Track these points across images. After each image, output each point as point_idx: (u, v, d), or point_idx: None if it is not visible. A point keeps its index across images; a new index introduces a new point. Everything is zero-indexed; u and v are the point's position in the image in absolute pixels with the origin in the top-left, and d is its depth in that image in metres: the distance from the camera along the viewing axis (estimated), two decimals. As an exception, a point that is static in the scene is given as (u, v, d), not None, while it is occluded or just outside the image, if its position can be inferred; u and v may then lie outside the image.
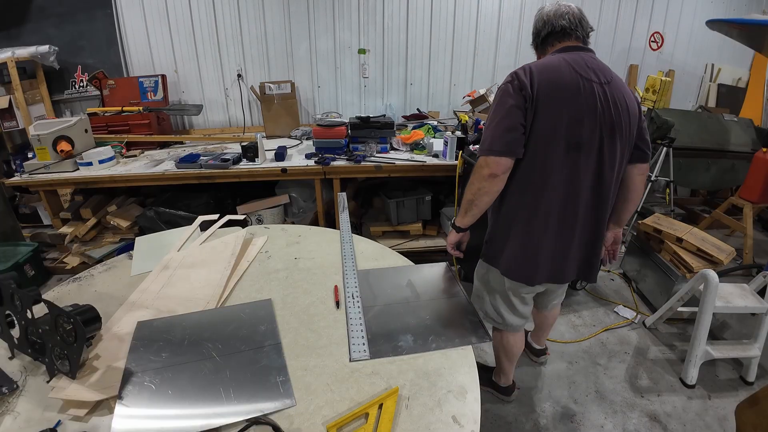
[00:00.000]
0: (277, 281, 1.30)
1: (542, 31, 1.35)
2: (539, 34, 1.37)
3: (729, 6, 3.85)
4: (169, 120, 3.40)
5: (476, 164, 1.25)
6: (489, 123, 1.25)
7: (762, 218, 3.62)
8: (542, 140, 1.19)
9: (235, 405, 0.85)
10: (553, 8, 1.33)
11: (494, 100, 1.25)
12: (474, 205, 1.30)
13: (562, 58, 1.24)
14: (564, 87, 1.19)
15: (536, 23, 1.38)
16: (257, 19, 3.37)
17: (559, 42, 1.32)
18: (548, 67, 1.22)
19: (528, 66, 1.23)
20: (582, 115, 1.18)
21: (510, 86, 1.21)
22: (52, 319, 0.89)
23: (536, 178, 1.24)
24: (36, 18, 3.21)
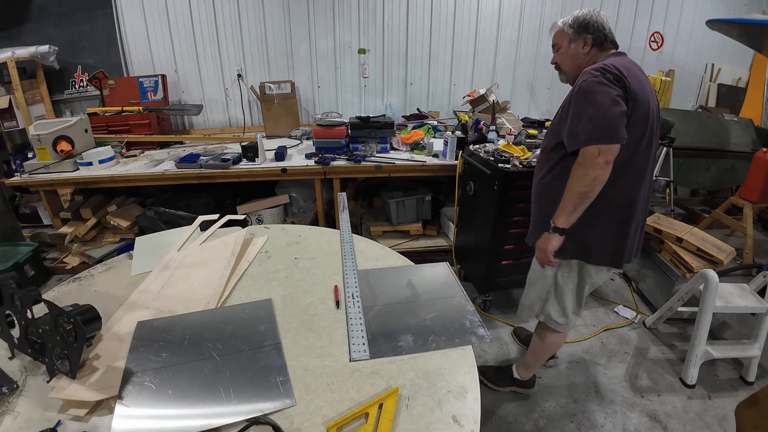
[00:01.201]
0: (277, 281, 1.30)
1: (602, 32, 1.42)
2: (602, 35, 1.42)
3: (729, 6, 3.85)
4: (169, 120, 3.40)
5: (584, 154, 1.27)
6: (589, 112, 1.27)
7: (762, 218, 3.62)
8: (633, 130, 1.31)
9: (235, 405, 0.85)
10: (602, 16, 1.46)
11: (584, 93, 1.29)
12: (587, 197, 1.31)
13: (629, 61, 1.38)
14: (643, 86, 1.32)
15: (598, 22, 1.42)
16: (257, 19, 3.37)
17: (612, 47, 1.44)
18: (626, 66, 1.32)
19: (607, 64, 1.31)
20: (653, 111, 1.35)
21: (604, 78, 1.27)
22: (52, 319, 0.89)
23: (627, 165, 1.35)
24: (36, 18, 3.21)
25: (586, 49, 1.43)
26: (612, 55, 1.41)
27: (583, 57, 1.44)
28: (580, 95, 1.30)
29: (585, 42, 1.42)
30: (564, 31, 1.46)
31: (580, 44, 1.43)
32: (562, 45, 1.47)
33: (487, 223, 2.20)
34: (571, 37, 1.44)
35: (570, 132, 1.32)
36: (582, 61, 1.45)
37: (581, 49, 1.44)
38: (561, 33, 1.48)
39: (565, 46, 1.46)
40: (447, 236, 2.97)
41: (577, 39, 1.43)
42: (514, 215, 2.13)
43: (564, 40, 1.47)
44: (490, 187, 2.13)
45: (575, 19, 1.44)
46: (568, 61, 1.47)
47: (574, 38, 1.44)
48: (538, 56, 3.74)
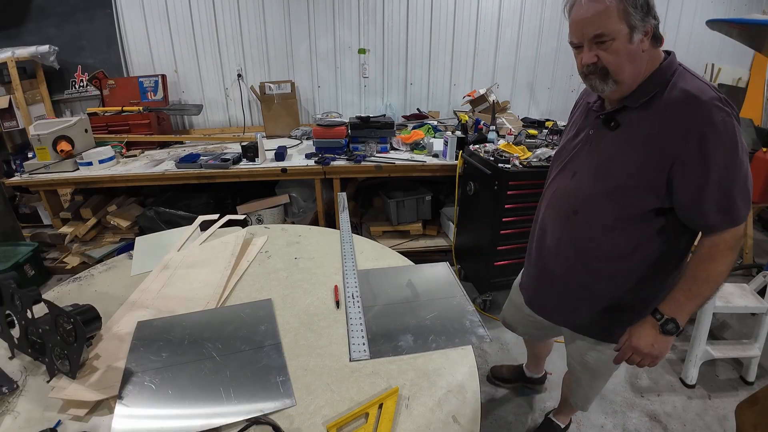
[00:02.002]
0: (277, 281, 1.30)
1: (655, 17, 0.97)
2: (657, 22, 0.98)
3: (729, 6, 3.85)
4: (169, 120, 3.40)
5: (731, 236, 0.96)
6: (741, 174, 0.93)
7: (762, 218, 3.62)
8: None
9: (235, 405, 0.85)
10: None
11: (731, 143, 0.90)
12: (718, 289, 1.03)
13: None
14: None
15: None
16: (257, 19, 3.37)
17: (659, 42, 1.01)
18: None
19: (706, 81, 0.97)
20: None
21: (735, 115, 0.93)
22: (52, 319, 0.89)
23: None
24: (36, 18, 3.21)
25: (646, 45, 0.97)
26: (666, 55, 1.02)
27: (643, 58, 0.98)
28: (728, 146, 0.90)
29: (646, 32, 0.96)
30: (625, 10, 0.92)
31: (641, 37, 0.95)
32: (617, 36, 0.94)
33: (487, 223, 2.20)
34: (635, 24, 0.93)
35: (725, 204, 0.93)
36: (641, 64, 0.98)
37: (644, 45, 0.97)
38: (616, 14, 0.92)
39: (623, 38, 0.94)
40: (447, 236, 2.97)
41: (642, 27, 0.94)
42: (514, 215, 2.13)
43: (620, 29, 0.93)
44: (490, 187, 2.13)
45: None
46: (627, 65, 0.96)
47: (638, 26, 0.93)
48: (538, 56, 3.74)
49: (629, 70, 0.98)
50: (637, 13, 0.93)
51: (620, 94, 1.03)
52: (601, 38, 0.95)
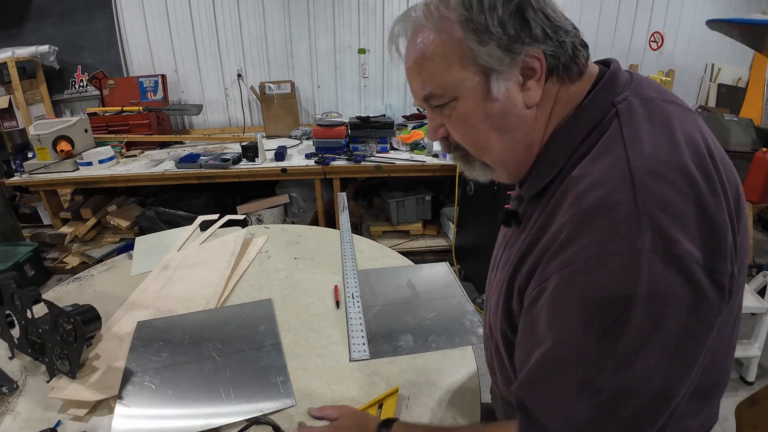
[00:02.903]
0: (277, 281, 1.30)
1: (556, 27, 0.54)
2: (561, 36, 0.54)
3: (729, 6, 3.85)
4: (169, 120, 3.40)
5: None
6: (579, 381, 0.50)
7: (762, 218, 3.62)
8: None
9: (235, 405, 0.85)
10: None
11: (594, 320, 0.48)
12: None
13: (678, 106, 0.56)
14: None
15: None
16: (257, 19, 3.37)
17: (583, 64, 0.58)
18: (694, 132, 0.53)
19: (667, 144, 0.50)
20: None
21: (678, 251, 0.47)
22: (52, 319, 0.89)
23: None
24: (36, 18, 3.21)
25: (535, 92, 0.55)
26: (605, 82, 0.56)
27: (527, 118, 0.56)
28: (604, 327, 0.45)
29: (529, 69, 0.54)
30: (461, 47, 0.53)
31: (511, 83, 0.54)
32: (461, 93, 0.55)
33: (487, 223, 2.20)
34: (490, 64, 0.53)
35: (532, 404, 0.52)
36: (525, 129, 0.57)
37: (527, 95, 0.55)
38: (451, 56, 0.54)
39: (474, 94, 0.55)
40: (447, 236, 2.97)
41: (511, 63, 0.53)
42: (514, 215, 2.13)
43: (464, 78, 0.55)
44: (490, 187, 2.13)
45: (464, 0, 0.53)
46: (493, 138, 0.57)
47: (497, 66, 0.53)
48: (538, 56, 3.74)
49: (499, 145, 0.58)
50: (491, 42, 0.51)
51: (509, 180, 0.63)
52: (435, 100, 0.57)
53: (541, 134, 0.58)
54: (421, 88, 0.58)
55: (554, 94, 0.57)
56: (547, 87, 0.56)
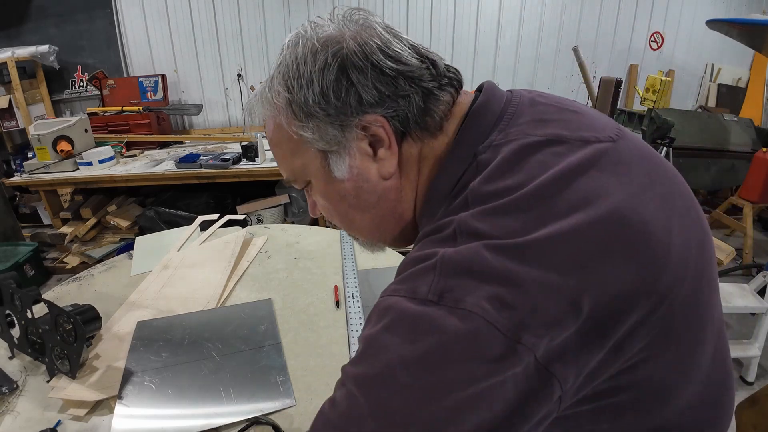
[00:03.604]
0: (277, 281, 1.30)
1: (404, 76, 0.47)
2: (411, 87, 0.47)
3: (729, 6, 3.85)
4: (169, 120, 3.40)
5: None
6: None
7: (762, 218, 3.62)
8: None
9: (235, 405, 0.85)
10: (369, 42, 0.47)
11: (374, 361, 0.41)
12: None
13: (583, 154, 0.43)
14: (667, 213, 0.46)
15: (366, 52, 0.46)
16: (257, 19, 3.37)
17: (448, 98, 0.50)
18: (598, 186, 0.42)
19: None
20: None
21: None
22: (52, 319, 0.89)
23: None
24: (36, 18, 3.21)
25: (388, 163, 0.49)
26: (466, 128, 0.48)
27: (388, 191, 0.51)
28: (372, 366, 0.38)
29: (374, 137, 0.48)
30: (280, 130, 0.51)
31: (353, 159, 0.49)
32: (310, 175, 0.52)
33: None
34: (319, 144, 0.49)
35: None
36: (390, 202, 0.52)
37: (381, 166, 0.49)
38: (284, 141, 0.51)
39: (320, 174, 0.51)
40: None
41: (343, 141, 0.48)
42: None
43: (303, 162, 0.52)
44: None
45: (285, 78, 0.48)
46: (356, 216, 0.55)
47: (325, 144, 0.48)
48: (538, 57, 3.74)
49: (364, 223, 0.55)
50: (314, 122, 0.47)
51: (398, 248, 0.63)
52: (296, 184, 0.55)
53: (412, 202, 0.52)
54: (281, 172, 0.56)
55: (416, 155, 0.49)
56: (404, 150, 0.49)
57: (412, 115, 0.47)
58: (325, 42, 0.47)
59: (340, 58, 0.46)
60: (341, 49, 0.46)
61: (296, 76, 0.47)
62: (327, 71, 0.45)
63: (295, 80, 0.47)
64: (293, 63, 0.47)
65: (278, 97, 0.49)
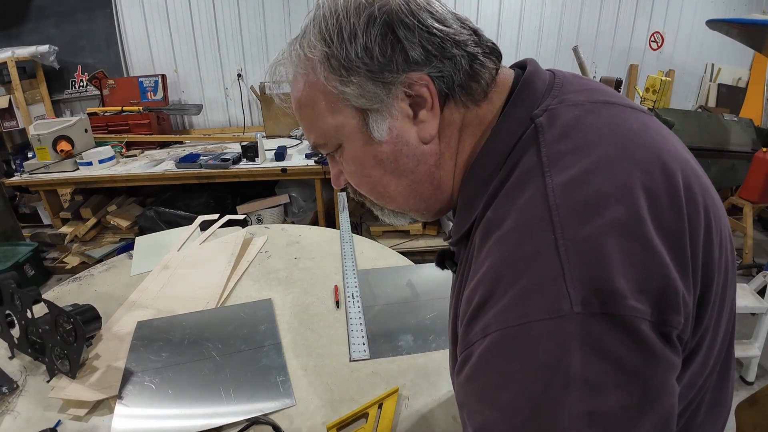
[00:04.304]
0: (277, 281, 1.30)
1: (451, 39, 0.45)
2: (456, 48, 0.46)
3: (729, 6, 3.85)
4: (169, 120, 3.40)
5: None
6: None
7: (762, 218, 3.62)
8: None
9: (235, 405, 0.85)
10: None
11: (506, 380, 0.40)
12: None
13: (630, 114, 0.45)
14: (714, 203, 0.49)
15: (415, 10, 0.45)
16: (257, 19, 3.37)
17: (493, 67, 0.49)
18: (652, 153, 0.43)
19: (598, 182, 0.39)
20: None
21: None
22: (52, 319, 0.89)
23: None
24: (36, 18, 3.21)
25: (430, 125, 0.47)
26: (519, 94, 0.47)
27: (426, 155, 0.49)
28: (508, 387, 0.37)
29: (414, 100, 0.46)
30: (323, 87, 0.47)
31: (394, 119, 0.47)
32: (343, 139, 0.50)
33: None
34: (359, 103, 0.46)
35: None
36: (425, 167, 0.49)
37: (421, 128, 0.47)
38: (319, 100, 0.48)
39: (356, 139, 0.49)
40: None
41: (387, 98, 0.46)
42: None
43: (339, 123, 0.48)
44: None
45: (322, 32, 0.46)
46: (392, 182, 0.51)
47: (369, 102, 0.46)
48: (538, 56, 3.74)
49: (399, 190, 0.51)
50: (357, 77, 0.45)
51: (428, 219, 0.59)
52: (323, 149, 0.53)
53: (451, 170, 0.50)
54: (307, 136, 0.54)
55: (458, 121, 0.48)
56: (446, 115, 0.47)
57: (458, 78, 0.46)
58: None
59: (387, 13, 0.44)
60: (387, 3, 0.44)
61: (337, 29, 0.45)
62: (372, 25, 0.44)
63: (336, 33, 0.45)
64: (332, 17, 0.45)
65: (313, 51, 0.46)
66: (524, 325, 0.35)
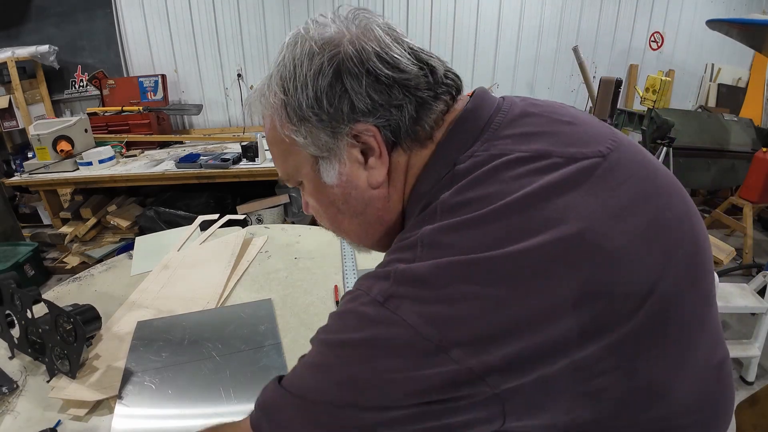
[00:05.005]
0: (277, 281, 1.30)
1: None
2: (402, 93, 0.46)
3: (729, 6, 3.85)
4: (169, 120, 3.40)
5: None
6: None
7: (762, 218, 3.62)
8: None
9: (235, 405, 0.85)
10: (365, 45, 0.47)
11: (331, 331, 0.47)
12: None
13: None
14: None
15: (363, 57, 0.46)
16: (257, 19, 3.37)
17: (444, 103, 0.49)
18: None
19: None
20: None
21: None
22: (52, 319, 0.89)
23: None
24: (36, 18, 3.21)
25: (377, 171, 0.49)
26: (449, 136, 0.48)
27: (375, 199, 0.51)
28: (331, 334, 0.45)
29: (364, 147, 0.48)
30: (275, 135, 0.51)
31: (342, 165, 0.49)
32: (303, 177, 0.53)
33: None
34: (310, 149, 0.49)
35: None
36: (380, 205, 0.52)
37: (371, 175, 0.49)
38: (281, 142, 0.51)
39: (311, 178, 0.52)
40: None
41: (334, 147, 0.48)
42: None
43: (296, 163, 0.52)
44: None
45: (282, 79, 0.48)
46: (346, 219, 0.54)
47: (317, 150, 0.48)
48: (538, 56, 3.74)
49: (352, 227, 0.55)
50: (307, 126, 0.46)
51: (378, 251, 0.59)
52: (289, 183, 0.57)
53: (398, 210, 0.52)
54: (277, 170, 0.57)
55: (404, 164, 0.49)
56: (393, 159, 0.48)
57: (404, 126, 0.47)
58: (323, 45, 0.46)
59: (336, 63, 0.45)
60: (338, 53, 0.45)
61: (292, 78, 0.47)
62: (322, 76, 0.45)
63: (291, 82, 0.47)
64: (290, 64, 0.47)
65: (275, 98, 0.49)
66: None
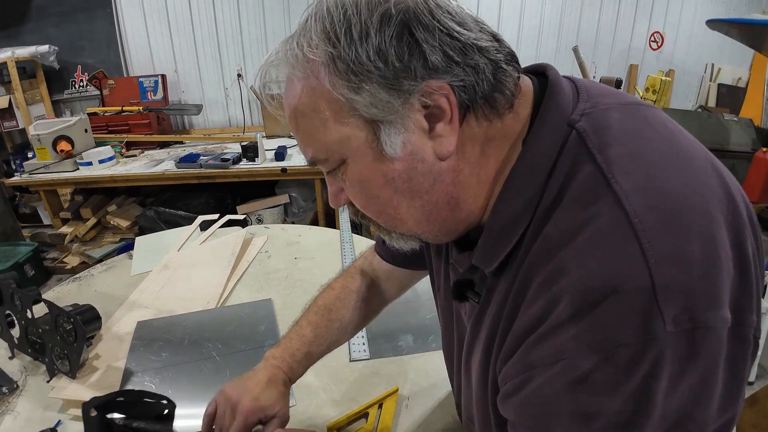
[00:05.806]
0: (277, 281, 1.30)
1: (470, 43, 0.40)
2: (477, 53, 0.40)
3: (729, 6, 3.85)
4: (169, 120, 3.40)
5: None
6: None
7: (762, 218, 3.62)
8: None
9: (235, 405, 0.85)
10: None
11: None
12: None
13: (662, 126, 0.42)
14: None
15: (434, 10, 0.39)
16: (257, 19, 3.37)
17: (512, 77, 0.43)
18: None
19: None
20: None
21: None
22: (52, 319, 0.89)
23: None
24: (36, 18, 3.21)
25: (447, 140, 0.40)
26: (548, 100, 0.42)
27: (444, 174, 0.42)
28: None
29: (432, 111, 0.40)
30: (330, 95, 0.40)
31: (408, 133, 0.40)
32: (348, 155, 0.43)
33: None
34: (372, 114, 0.40)
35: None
36: (445, 187, 0.43)
37: (438, 144, 0.41)
38: (323, 111, 0.41)
39: (364, 154, 0.42)
40: (447, 236, 2.96)
41: (402, 108, 0.39)
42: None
43: (345, 136, 0.42)
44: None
45: (327, 29, 0.39)
46: (403, 203, 0.44)
47: (382, 114, 0.39)
48: (538, 56, 3.74)
49: (411, 212, 0.45)
50: (369, 84, 0.39)
51: (440, 242, 0.55)
52: (322, 165, 0.46)
53: (472, 189, 0.44)
54: (304, 150, 0.47)
55: (480, 136, 0.42)
56: (464, 129, 0.41)
57: (482, 89, 0.40)
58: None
59: (403, 11, 0.38)
60: (403, 0, 0.38)
61: (345, 26, 0.38)
62: (387, 24, 0.38)
63: (344, 32, 0.38)
64: (339, 11, 0.39)
65: (315, 52, 0.40)
66: (611, 350, 0.33)
